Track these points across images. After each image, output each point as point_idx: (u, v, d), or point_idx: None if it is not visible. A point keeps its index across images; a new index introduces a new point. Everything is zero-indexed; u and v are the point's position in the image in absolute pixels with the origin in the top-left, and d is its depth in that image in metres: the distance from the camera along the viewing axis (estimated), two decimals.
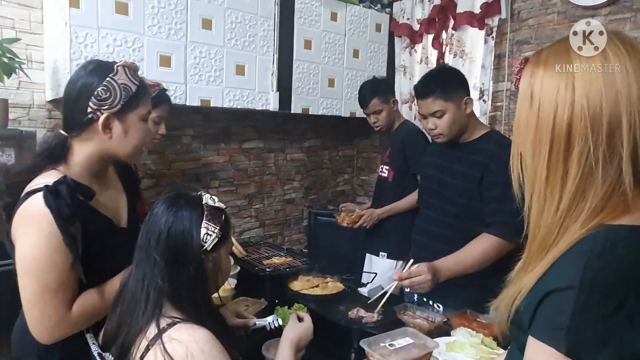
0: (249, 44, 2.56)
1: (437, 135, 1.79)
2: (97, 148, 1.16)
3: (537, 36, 2.63)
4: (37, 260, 1.04)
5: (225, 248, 1.06)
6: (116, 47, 2.09)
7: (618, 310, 0.60)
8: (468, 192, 1.75)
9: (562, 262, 0.66)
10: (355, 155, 3.76)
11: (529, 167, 0.75)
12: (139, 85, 1.18)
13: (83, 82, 1.13)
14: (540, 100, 0.72)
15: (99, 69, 1.14)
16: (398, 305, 1.66)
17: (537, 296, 0.67)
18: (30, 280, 1.05)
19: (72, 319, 1.08)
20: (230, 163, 2.97)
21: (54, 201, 1.03)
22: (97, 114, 1.12)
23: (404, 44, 3.25)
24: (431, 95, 1.73)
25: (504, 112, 2.78)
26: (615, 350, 0.60)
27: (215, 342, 0.91)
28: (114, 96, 1.12)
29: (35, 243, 1.04)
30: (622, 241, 0.64)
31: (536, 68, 0.74)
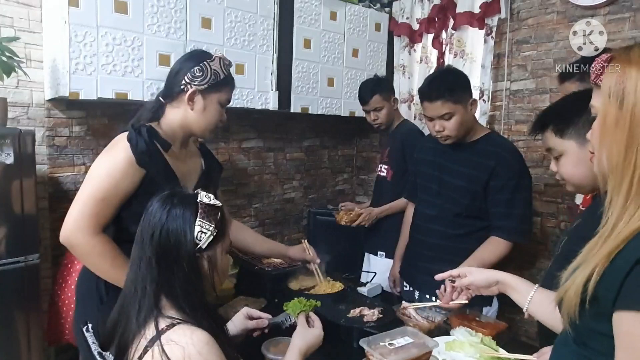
0: (249, 43, 2.56)
1: (445, 137, 1.79)
2: (180, 116, 1.41)
3: (537, 36, 2.63)
4: (100, 170, 1.29)
5: (222, 246, 1.05)
6: (115, 46, 2.09)
7: None
8: (472, 193, 1.78)
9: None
10: (355, 155, 3.76)
11: (618, 165, 0.74)
12: (227, 75, 1.43)
13: (184, 64, 1.39)
14: (634, 101, 0.72)
15: (200, 55, 1.41)
16: (397, 305, 1.67)
17: (623, 266, 0.68)
18: (87, 183, 1.28)
19: (93, 239, 1.26)
20: (229, 162, 2.97)
21: (135, 136, 1.30)
22: (188, 87, 1.37)
23: (403, 44, 3.25)
24: (440, 99, 1.72)
25: (504, 112, 2.78)
26: None
27: (213, 344, 0.90)
28: (205, 76, 1.37)
29: (106, 160, 1.30)
30: None
31: (628, 67, 0.73)
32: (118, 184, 1.28)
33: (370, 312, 1.56)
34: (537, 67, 2.64)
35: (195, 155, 1.58)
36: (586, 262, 0.74)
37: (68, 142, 2.31)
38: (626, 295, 0.68)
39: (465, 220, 1.81)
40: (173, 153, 1.42)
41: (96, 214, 1.27)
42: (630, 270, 0.67)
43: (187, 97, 1.37)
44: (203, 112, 1.40)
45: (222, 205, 1.06)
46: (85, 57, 2.01)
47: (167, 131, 1.42)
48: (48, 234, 2.29)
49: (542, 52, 2.61)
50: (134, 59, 2.14)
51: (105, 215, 1.29)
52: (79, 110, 2.32)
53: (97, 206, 1.26)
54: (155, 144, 1.36)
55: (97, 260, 1.29)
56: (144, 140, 1.31)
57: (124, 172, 1.29)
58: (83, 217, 1.25)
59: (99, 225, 1.28)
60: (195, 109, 1.40)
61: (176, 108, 1.41)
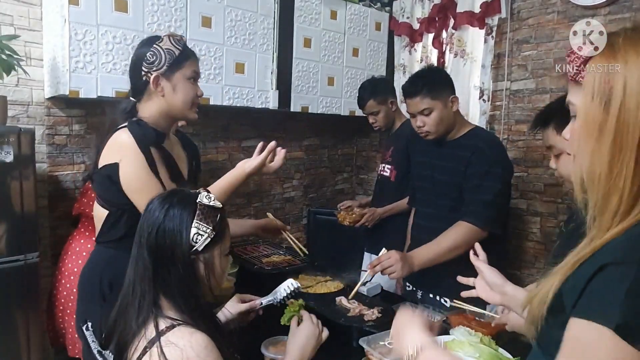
0: (249, 42, 2.55)
1: (425, 133, 1.84)
2: (156, 106, 1.38)
3: (537, 35, 2.63)
4: (140, 178, 1.30)
5: (220, 249, 1.02)
6: (115, 45, 2.09)
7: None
8: (457, 186, 1.81)
9: (619, 240, 0.62)
10: (355, 154, 3.76)
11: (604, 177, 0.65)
12: (182, 49, 1.37)
13: (137, 53, 1.37)
14: (622, 102, 0.62)
15: (149, 40, 1.38)
16: (397, 304, 1.66)
17: (588, 272, 0.62)
18: (141, 196, 1.25)
19: None
20: (229, 161, 2.97)
21: (138, 129, 1.29)
22: (149, 75, 1.34)
23: (404, 43, 3.25)
24: (418, 94, 1.77)
25: (504, 112, 2.78)
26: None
27: (212, 348, 0.90)
28: (160, 59, 1.33)
29: (133, 165, 1.29)
30: None
31: (613, 60, 0.64)
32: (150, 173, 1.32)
33: (370, 312, 1.56)
34: (537, 67, 2.64)
35: (176, 143, 1.58)
36: (555, 273, 0.69)
37: (68, 140, 2.31)
38: (583, 303, 0.62)
39: (459, 215, 1.81)
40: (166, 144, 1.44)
41: None
42: (592, 277, 0.62)
43: (152, 85, 1.35)
44: (173, 93, 1.37)
45: (223, 206, 1.04)
46: (85, 55, 2.01)
47: (152, 124, 1.39)
48: (47, 232, 2.29)
49: (543, 52, 2.61)
50: None
51: None
52: (78, 109, 2.32)
53: None
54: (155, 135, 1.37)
55: None
56: (148, 130, 1.32)
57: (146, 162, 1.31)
58: None
59: None
60: (166, 94, 1.37)
61: (149, 101, 1.39)
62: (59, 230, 2.31)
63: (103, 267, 1.37)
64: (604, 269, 0.60)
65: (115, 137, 1.32)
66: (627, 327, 0.57)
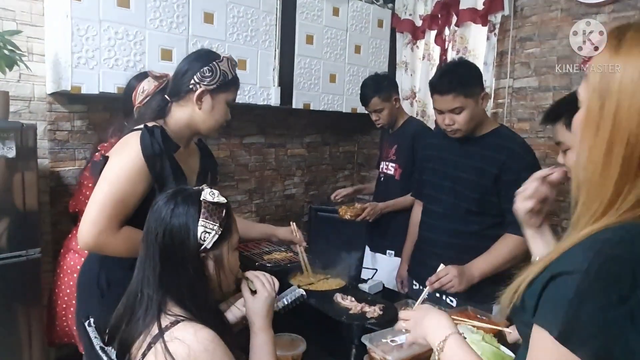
0: (251, 39, 2.55)
1: (455, 131, 1.75)
2: (187, 115, 1.40)
3: (540, 33, 2.62)
4: (117, 173, 1.26)
5: (229, 244, 1.03)
6: (117, 40, 2.08)
7: (620, 303, 0.56)
8: (482, 188, 1.74)
9: (576, 248, 0.62)
10: (356, 152, 3.76)
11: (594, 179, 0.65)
12: (234, 76, 1.43)
13: (193, 62, 1.39)
14: (617, 103, 0.61)
15: (208, 55, 1.41)
16: (399, 302, 1.66)
17: (543, 280, 0.63)
18: (104, 185, 1.25)
19: (118, 236, 1.25)
20: (230, 158, 2.97)
21: (149, 138, 1.28)
22: (197, 87, 1.36)
23: (406, 40, 3.24)
24: (452, 92, 1.68)
25: (506, 110, 2.77)
26: (606, 344, 0.56)
27: (219, 342, 0.90)
28: (214, 76, 1.37)
29: (122, 162, 1.27)
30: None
31: (616, 57, 0.62)
32: (137, 185, 1.27)
33: (372, 309, 1.55)
34: (540, 65, 2.63)
35: (195, 153, 1.59)
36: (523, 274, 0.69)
37: (70, 136, 2.31)
38: (539, 309, 0.63)
39: (477, 217, 1.77)
40: (179, 153, 1.42)
41: (115, 215, 1.25)
42: (546, 285, 0.62)
43: (195, 96, 1.37)
44: (211, 111, 1.40)
45: (228, 202, 1.04)
46: (87, 51, 2.00)
47: (175, 130, 1.41)
48: (49, 228, 2.29)
49: (546, 50, 2.60)
50: (136, 54, 2.14)
51: (124, 215, 1.28)
52: (80, 105, 2.32)
53: (116, 208, 1.24)
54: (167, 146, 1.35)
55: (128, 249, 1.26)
56: (157, 141, 1.30)
57: (141, 173, 1.28)
58: (101, 221, 1.23)
59: (119, 225, 1.27)
60: (204, 109, 1.39)
61: (183, 107, 1.40)
62: (60, 226, 2.31)
63: (100, 264, 1.37)
64: (555, 278, 0.62)
65: (126, 138, 1.33)
66: (567, 335, 0.59)
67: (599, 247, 0.60)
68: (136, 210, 1.30)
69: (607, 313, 0.57)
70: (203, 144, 1.66)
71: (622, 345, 0.56)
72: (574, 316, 0.58)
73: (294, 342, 1.39)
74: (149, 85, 1.77)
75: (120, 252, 1.28)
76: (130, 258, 1.24)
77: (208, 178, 1.58)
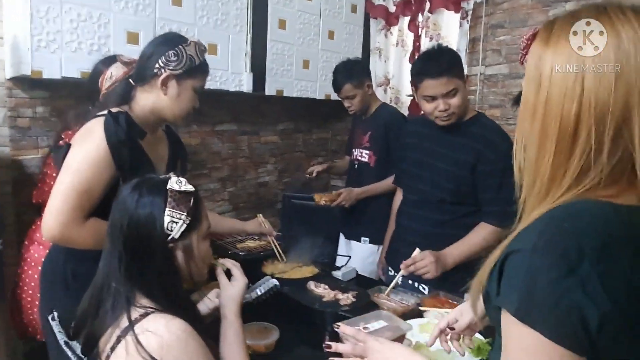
0: (221, 23, 2.48)
1: (449, 116, 1.71)
2: (152, 101, 1.36)
3: (511, 20, 2.64)
4: (80, 162, 1.22)
5: (198, 233, 1.00)
6: (80, 23, 1.99)
7: (569, 274, 0.58)
8: (459, 178, 1.74)
9: (529, 227, 0.65)
10: (330, 138, 3.74)
11: (534, 160, 0.69)
12: (202, 61, 1.38)
13: (158, 46, 1.34)
14: (548, 90, 0.66)
15: (175, 39, 1.36)
16: (372, 288, 1.67)
17: (500, 260, 0.65)
18: (66, 175, 1.21)
19: (83, 228, 1.21)
20: (202, 146, 2.91)
21: (113, 124, 1.23)
22: (161, 71, 1.32)
23: (379, 26, 3.22)
24: (446, 74, 1.63)
25: (478, 97, 2.80)
26: (562, 315, 0.58)
27: (192, 331, 0.88)
28: (180, 61, 1.32)
29: (85, 150, 1.23)
30: (590, 211, 0.63)
31: (545, 49, 0.67)
32: (101, 174, 1.23)
33: (345, 296, 1.56)
34: (511, 52, 2.66)
35: (163, 140, 1.54)
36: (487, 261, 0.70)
37: (32, 123, 2.21)
38: (500, 291, 0.64)
39: (451, 206, 1.78)
40: (146, 140, 1.38)
41: (80, 206, 1.21)
42: (502, 266, 0.64)
43: (160, 81, 1.32)
44: (177, 98, 1.36)
45: (196, 189, 1.01)
46: (48, 33, 1.91)
47: (140, 116, 1.37)
48: (12, 219, 2.20)
49: (517, 37, 2.63)
50: (100, 37, 2.05)
51: (89, 206, 1.23)
52: (42, 90, 2.22)
53: (81, 199, 1.20)
54: (133, 132, 1.31)
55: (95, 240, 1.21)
56: (122, 128, 1.25)
57: (106, 161, 1.23)
58: (66, 212, 1.19)
59: (85, 216, 1.23)
60: (169, 95, 1.35)
61: (148, 92, 1.36)
62: (24, 217, 2.22)
63: (65, 255, 1.33)
64: (509, 257, 0.64)
65: (90, 124, 1.28)
66: (524, 311, 0.60)
67: (546, 223, 0.63)
68: (103, 200, 1.25)
69: (558, 285, 0.58)
70: (171, 131, 1.61)
71: (578, 314, 0.57)
72: (528, 292, 0.60)
73: (266, 331, 1.38)
74: (118, 70, 1.71)
75: (87, 244, 1.23)
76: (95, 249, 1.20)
77: (178, 166, 1.54)
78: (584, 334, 0.57)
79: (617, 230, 0.62)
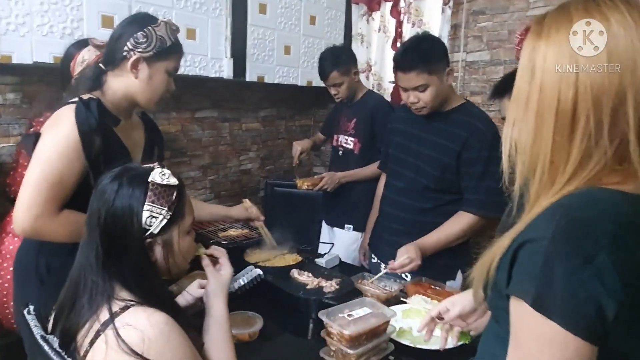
0: (200, 6, 2.42)
1: (420, 109, 1.73)
2: (124, 85, 1.31)
3: (492, 7, 2.64)
4: (50, 151, 1.17)
5: (180, 228, 0.97)
6: (51, 5, 1.91)
7: (587, 265, 0.58)
8: (443, 165, 1.73)
9: (541, 216, 0.65)
10: (312, 125, 3.72)
11: (529, 147, 0.70)
12: (174, 42, 1.33)
13: (127, 27, 1.29)
14: (542, 77, 0.68)
15: (144, 19, 1.30)
16: (356, 275, 1.68)
17: (512, 250, 0.66)
18: (37, 166, 1.16)
19: (57, 220, 1.17)
20: (182, 133, 2.85)
21: (84, 112, 1.18)
22: (131, 54, 1.26)
23: (361, 12, 3.19)
24: (415, 69, 1.63)
25: (459, 83, 2.81)
26: (579, 306, 0.59)
27: (173, 324, 0.86)
28: (150, 42, 1.26)
29: (55, 138, 1.18)
30: (603, 200, 0.64)
31: (538, 40, 0.70)
32: (73, 164, 1.18)
33: (328, 284, 1.56)
34: (492, 39, 2.67)
35: (138, 126, 1.49)
36: (491, 250, 0.72)
37: (2, 110, 2.13)
38: (513, 280, 0.65)
39: (434, 193, 1.78)
40: (121, 126, 1.33)
41: (52, 198, 1.16)
42: (515, 254, 0.65)
43: (130, 64, 1.27)
44: (148, 81, 1.30)
45: (180, 182, 0.97)
46: (17, 16, 1.83)
47: (112, 102, 1.32)
48: None
49: (498, 24, 2.63)
50: (72, 20, 1.98)
51: (62, 197, 1.19)
52: (12, 76, 2.13)
53: (53, 190, 1.16)
54: (105, 119, 1.26)
55: (70, 233, 1.18)
56: (93, 115, 1.20)
57: (77, 150, 1.18)
58: (38, 204, 1.14)
59: (58, 207, 1.18)
60: (140, 78, 1.30)
61: (119, 76, 1.31)
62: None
63: (38, 248, 1.28)
64: (523, 246, 0.64)
65: (59, 112, 1.22)
66: (541, 300, 0.60)
67: (561, 212, 0.63)
68: (77, 191, 1.21)
69: (575, 276, 0.58)
70: (147, 117, 1.56)
71: (595, 304, 0.58)
72: (546, 282, 0.60)
73: (250, 320, 1.37)
74: (90, 54, 1.65)
75: (61, 237, 1.19)
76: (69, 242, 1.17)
77: (155, 153, 1.50)
78: (600, 325, 0.58)
79: (629, 218, 0.63)
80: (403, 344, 1.28)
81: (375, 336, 1.19)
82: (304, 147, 2.62)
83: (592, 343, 0.59)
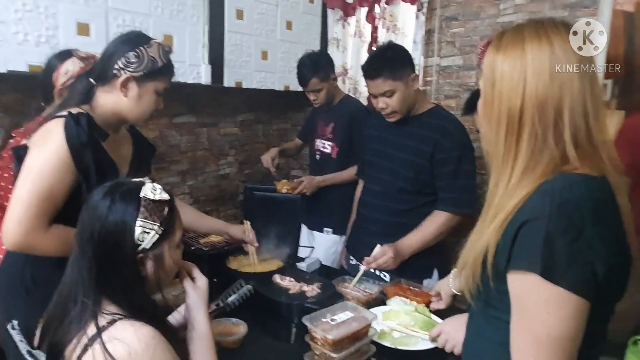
0: (178, 13, 2.42)
1: (390, 114, 1.82)
2: (113, 102, 1.32)
3: (464, 13, 2.72)
4: (41, 167, 1.17)
5: (170, 243, 0.98)
6: (26, 13, 1.88)
7: (579, 236, 0.71)
8: (418, 167, 1.81)
9: (531, 199, 0.76)
10: (290, 129, 3.74)
11: (491, 144, 0.84)
12: (165, 63, 1.35)
13: (119, 46, 1.30)
14: (499, 86, 0.81)
15: (137, 38, 1.32)
16: (336, 279, 1.71)
17: (512, 229, 0.76)
18: (27, 181, 1.16)
19: (47, 235, 1.18)
20: (160, 139, 2.84)
21: (74, 126, 1.19)
22: (121, 72, 1.28)
23: (337, 17, 3.23)
24: (380, 76, 1.74)
25: (434, 87, 2.88)
26: (579, 270, 0.71)
27: (160, 338, 0.88)
28: (141, 63, 1.29)
29: (45, 153, 1.18)
30: (575, 183, 0.75)
31: (497, 54, 0.82)
32: (63, 179, 1.18)
33: (310, 288, 1.59)
34: (464, 44, 2.74)
35: (126, 139, 1.50)
36: (481, 237, 0.82)
37: None
38: (513, 257, 0.76)
39: (410, 195, 1.85)
40: (108, 141, 1.34)
41: (43, 213, 1.16)
42: (516, 234, 0.75)
43: (119, 83, 1.29)
44: (137, 100, 1.32)
45: (171, 198, 0.99)
46: None
47: (101, 116, 1.33)
48: None
49: (470, 29, 2.71)
50: (48, 28, 1.95)
51: (52, 212, 1.19)
52: None
53: (43, 205, 1.16)
54: (94, 134, 1.26)
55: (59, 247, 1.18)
56: (83, 129, 1.21)
57: (67, 164, 1.19)
58: (29, 219, 1.14)
59: (48, 222, 1.18)
60: (129, 97, 1.31)
61: (109, 93, 1.32)
62: None
63: (24, 260, 1.28)
64: (524, 225, 0.75)
65: (48, 126, 1.22)
66: (549, 270, 0.71)
67: (551, 195, 0.74)
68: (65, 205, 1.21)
69: (573, 246, 0.71)
70: (135, 130, 1.57)
71: (590, 268, 0.71)
72: (550, 254, 0.71)
73: (234, 326, 1.39)
74: (74, 66, 1.64)
75: (51, 251, 1.20)
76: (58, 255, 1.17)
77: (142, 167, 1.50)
78: (593, 284, 0.71)
79: (597, 194, 0.75)
80: (384, 345, 1.33)
81: (358, 339, 1.23)
82: (272, 155, 2.65)
83: (587, 300, 0.72)
